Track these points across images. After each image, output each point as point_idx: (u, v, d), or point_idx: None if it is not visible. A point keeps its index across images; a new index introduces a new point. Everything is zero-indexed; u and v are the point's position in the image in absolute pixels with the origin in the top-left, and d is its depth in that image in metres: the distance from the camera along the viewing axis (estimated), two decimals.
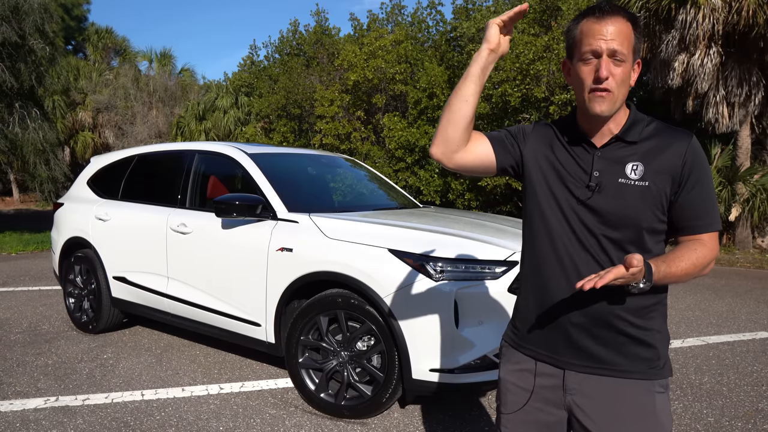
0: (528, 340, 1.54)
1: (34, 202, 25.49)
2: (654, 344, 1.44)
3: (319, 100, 13.87)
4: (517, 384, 1.54)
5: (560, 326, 1.47)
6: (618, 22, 1.36)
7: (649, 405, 1.41)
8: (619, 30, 1.35)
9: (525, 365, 1.53)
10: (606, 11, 1.37)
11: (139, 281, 4.47)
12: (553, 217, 1.46)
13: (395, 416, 3.30)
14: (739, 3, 9.71)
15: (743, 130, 11.07)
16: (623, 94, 1.39)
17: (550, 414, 1.49)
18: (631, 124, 1.44)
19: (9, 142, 12.60)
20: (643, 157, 1.40)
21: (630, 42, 1.37)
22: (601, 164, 1.42)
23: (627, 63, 1.37)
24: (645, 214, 1.38)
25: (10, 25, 11.83)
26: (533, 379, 1.51)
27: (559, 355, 1.48)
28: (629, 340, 1.42)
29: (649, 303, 1.42)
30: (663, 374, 1.44)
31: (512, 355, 1.58)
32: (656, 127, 1.44)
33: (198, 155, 4.45)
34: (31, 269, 8.58)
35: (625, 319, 1.41)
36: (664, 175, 1.38)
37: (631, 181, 1.38)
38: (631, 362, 1.42)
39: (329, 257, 3.27)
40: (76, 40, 30.89)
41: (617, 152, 1.42)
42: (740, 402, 3.53)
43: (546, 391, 1.49)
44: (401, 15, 16.88)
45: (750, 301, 6.43)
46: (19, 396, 3.57)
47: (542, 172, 1.50)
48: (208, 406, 3.43)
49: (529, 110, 11.05)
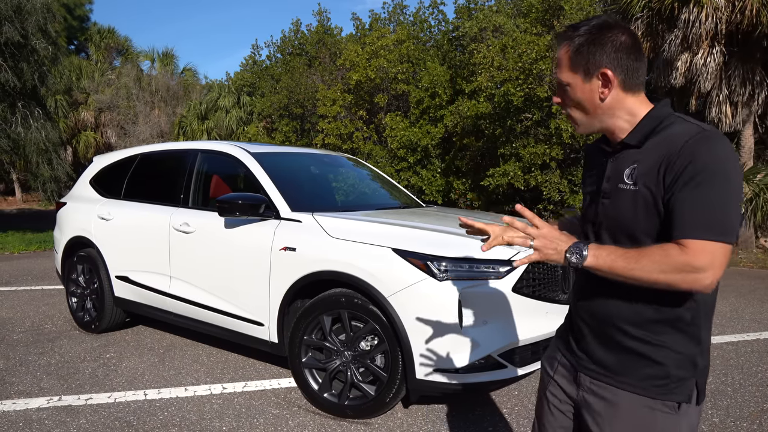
0: (560, 336, 1.65)
1: (36, 201, 25.54)
2: (662, 362, 1.34)
3: (321, 99, 13.87)
4: (546, 369, 1.64)
5: (575, 329, 1.53)
6: (560, 50, 1.39)
7: (648, 423, 1.35)
8: (559, 57, 1.39)
9: (555, 354, 1.62)
10: (557, 40, 1.41)
11: (141, 281, 4.47)
12: (586, 226, 1.52)
13: (399, 416, 3.29)
14: (742, 2, 9.67)
15: (746, 129, 11.04)
16: (585, 113, 1.40)
17: (565, 404, 1.55)
18: (639, 127, 1.37)
19: (12, 141, 12.62)
20: (642, 159, 1.34)
21: (566, 65, 1.38)
22: (610, 172, 1.42)
23: (573, 85, 1.38)
24: (637, 220, 1.33)
25: (13, 24, 11.84)
26: (556, 365, 1.59)
27: (572, 355, 1.53)
28: (630, 353, 1.37)
29: (657, 317, 1.34)
30: (671, 396, 1.34)
31: (552, 345, 1.68)
32: (674, 124, 1.33)
33: (201, 154, 4.45)
34: (34, 269, 8.59)
35: (625, 331, 1.37)
36: (653, 175, 1.29)
37: (627, 186, 1.35)
38: (633, 376, 1.37)
39: (332, 257, 3.26)
40: (78, 40, 30.92)
41: (622, 158, 1.39)
42: (745, 402, 3.51)
43: (563, 380, 1.56)
44: (403, 14, 16.88)
45: (754, 300, 6.41)
46: (22, 395, 3.57)
47: (584, 190, 1.58)
48: (211, 405, 3.43)
49: (531, 110, 11.03)
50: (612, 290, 1.37)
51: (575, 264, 1.30)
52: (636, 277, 1.26)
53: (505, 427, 3.19)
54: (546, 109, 10.91)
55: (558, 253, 1.32)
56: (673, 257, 1.22)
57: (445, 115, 12.80)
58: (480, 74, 11.54)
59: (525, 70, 10.70)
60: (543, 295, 3.16)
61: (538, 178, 11.10)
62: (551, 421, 1.58)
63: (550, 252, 1.33)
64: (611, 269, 1.28)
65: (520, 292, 3.04)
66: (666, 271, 1.23)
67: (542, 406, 1.62)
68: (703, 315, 1.36)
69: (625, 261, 1.26)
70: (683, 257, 1.21)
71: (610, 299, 1.39)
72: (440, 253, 3.00)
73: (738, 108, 10.71)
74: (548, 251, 1.33)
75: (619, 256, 1.27)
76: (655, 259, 1.23)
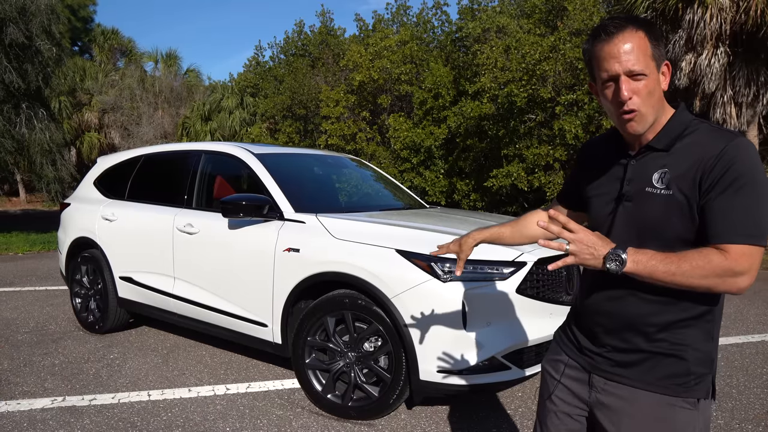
0: (564, 339, 1.61)
1: (40, 202, 25.61)
2: (684, 360, 1.36)
3: (325, 100, 13.88)
4: (550, 372, 1.61)
5: (586, 330, 1.51)
6: (628, 37, 1.29)
7: (668, 420, 1.36)
8: (632, 45, 1.29)
9: (560, 357, 1.59)
10: (613, 29, 1.30)
11: (145, 281, 4.47)
12: (597, 228, 1.45)
13: (402, 417, 3.29)
14: (747, 2, 9.64)
15: (751, 130, 11.00)
16: (653, 105, 1.33)
17: (575, 407, 1.53)
18: (666, 131, 1.36)
19: (16, 142, 12.67)
20: (672, 164, 1.32)
21: (646, 53, 1.29)
22: (632, 174, 1.39)
23: (649, 76, 1.30)
24: (671, 224, 1.31)
25: (17, 26, 11.89)
26: (563, 368, 1.56)
27: (583, 356, 1.51)
28: (652, 354, 1.37)
29: (684, 317, 1.35)
30: (692, 393, 1.36)
31: (554, 348, 1.65)
32: (700, 130, 1.34)
33: (204, 155, 4.45)
34: (38, 269, 8.61)
35: (648, 333, 1.36)
36: (689, 180, 1.28)
37: (657, 190, 1.33)
38: (653, 376, 1.37)
39: (336, 258, 3.26)
40: (82, 41, 31.04)
41: (648, 161, 1.37)
42: (750, 404, 3.50)
43: (573, 383, 1.53)
44: (406, 15, 16.90)
45: (758, 302, 6.38)
46: (27, 396, 3.57)
47: (589, 191, 1.53)
48: (214, 406, 3.43)
49: (535, 111, 11.02)
50: (636, 293, 1.36)
51: (615, 271, 1.25)
52: (677, 282, 1.25)
53: (509, 428, 3.18)
54: (549, 110, 10.90)
55: (595, 259, 1.27)
56: (714, 263, 1.22)
57: (448, 116, 12.80)
58: (483, 75, 11.54)
59: (528, 70, 10.69)
60: (547, 297, 3.15)
61: (541, 179, 11.08)
62: (557, 425, 1.56)
63: (587, 257, 1.27)
64: (651, 275, 1.25)
65: (524, 294, 3.04)
66: (708, 276, 1.23)
67: (546, 410, 1.60)
68: (718, 311, 1.39)
69: (665, 267, 1.24)
70: (726, 263, 1.22)
71: (632, 301, 1.37)
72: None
73: (742, 109, 10.67)
74: (585, 256, 1.28)
75: (660, 262, 1.24)
76: (696, 264, 1.23)
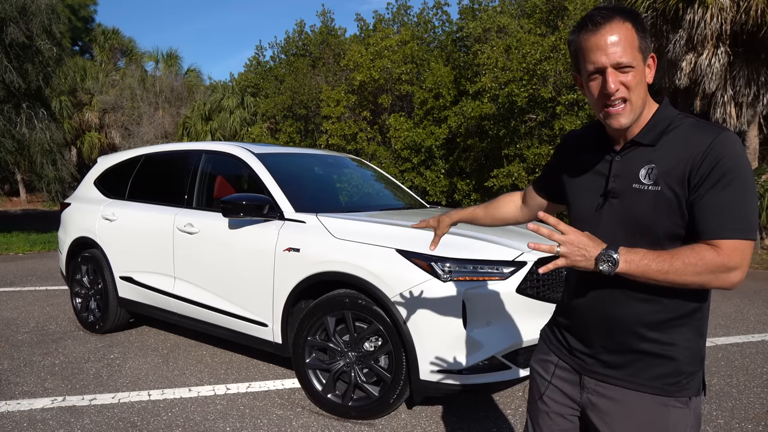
0: (552, 339, 1.59)
1: (41, 202, 25.61)
2: (675, 360, 1.35)
3: (325, 100, 13.88)
4: (540, 372, 1.59)
5: (574, 330, 1.49)
6: (615, 29, 1.27)
7: (661, 419, 1.35)
8: (619, 37, 1.27)
9: (549, 357, 1.58)
10: (599, 20, 1.28)
11: (145, 281, 4.48)
12: (580, 224, 1.43)
13: (402, 417, 3.29)
14: (747, 2, 9.63)
15: (751, 130, 11.00)
16: (640, 97, 1.31)
17: (567, 407, 1.52)
18: (651, 126, 1.35)
19: (16, 142, 12.68)
20: (659, 159, 1.31)
21: (633, 44, 1.28)
22: (618, 170, 1.37)
23: (636, 67, 1.29)
24: (659, 221, 1.30)
25: (18, 25, 11.90)
26: (553, 369, 1.55)
27: (572, 357, 1.50)
28: (643, 355, 1.36)
29: (674, 316, 1.34)
30: (684, 392, 1.35)
31: (542, 347, 1.63)
32: (685, 124, 1.33)
33: (205, 155, 4.45)
34: (38, 269, 8.62)
35: (640, 334, 1.35)
36: (677, 176, 1.27)
37: (645, 186, 1.31)
38: (644, 377, 1.36)
39: (336, 257, 3.26)
40: (82, 41, 31.03)
41: (634, 156, 1.36)
42: (750, 404, 3.50)
43: (564, 384, 1.52)
44: (407, 15, 16.90)
45: (758, 302, 6.38)
46: (27, 396, 3.58)
47: (570, 186, 1.52)
48: (214, 406, 3.43)
49: (535, 110, 11.01)
50: (626, 292, 1.35)
51: (607, 272, 1.24)
52: (670, 280, 1.24)
53: (509, 428, 3.18)
54: (550, 110, 10.89)
55: (587, 260, 1.25)
56: (707, 259, 1.22)
57: (449, 115, 12.79)
58: (484, 75, 11.54)
59: (529, 70, 10.68)
60: (547, 296, 3.15)
61: None
62: (550, 425, 1.55)
63: (578, 258, 1.26)
64: (644, 274, 1.24)
65: (524, 293, 3.04)
66: (701, 272, 1.22)
67: (538, 410, 1.58)
68: (707, 308, 1.38)
69: (658, 265, 1.23)
70: (718, 259, 1.22)
71: (623, 301, 1.36)
72: (444, 253, 2.99)
73: (743, 109, 10.67)
74: (576, 258, 1.26)
75: (652, 261, 1.23)
76: (688, 262, 1.22)
